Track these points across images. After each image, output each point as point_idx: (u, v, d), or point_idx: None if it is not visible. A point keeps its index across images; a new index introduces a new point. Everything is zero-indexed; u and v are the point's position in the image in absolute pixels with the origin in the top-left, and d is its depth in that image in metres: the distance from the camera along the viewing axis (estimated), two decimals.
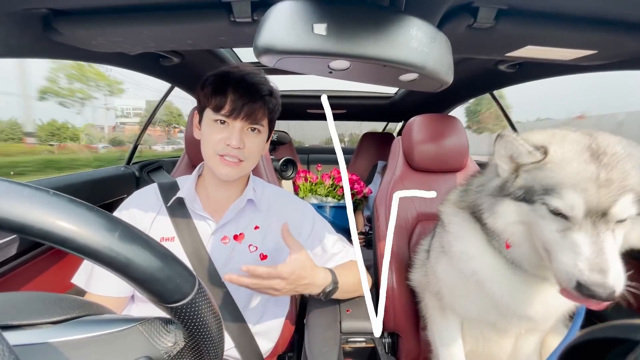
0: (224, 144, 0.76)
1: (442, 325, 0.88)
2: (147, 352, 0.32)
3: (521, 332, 0.81)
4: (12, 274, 0.95)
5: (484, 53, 0.88)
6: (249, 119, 0.77)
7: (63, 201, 0.26)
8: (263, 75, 0.82)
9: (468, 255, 0.75)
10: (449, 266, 0.81)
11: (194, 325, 0.32)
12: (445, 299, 0.85)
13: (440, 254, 0.86)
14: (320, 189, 1.82)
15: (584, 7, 0.64)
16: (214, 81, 0.78)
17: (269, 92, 0.80)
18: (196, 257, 0.78)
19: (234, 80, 0.77)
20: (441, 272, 0.85)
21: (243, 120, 0.77)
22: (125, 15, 0.68)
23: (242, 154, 0.78)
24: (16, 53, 0.75)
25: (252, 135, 0.79)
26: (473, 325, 0.86)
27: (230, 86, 0.76)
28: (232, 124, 0.77)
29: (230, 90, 0.76)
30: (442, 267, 0.84)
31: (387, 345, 1.12)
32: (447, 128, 1.21)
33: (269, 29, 0.42)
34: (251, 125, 0.78)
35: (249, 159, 0.80)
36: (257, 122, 0.78)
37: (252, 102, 0.76)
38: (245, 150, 0.78)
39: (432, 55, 0.45)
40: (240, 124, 0.77)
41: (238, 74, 0.79)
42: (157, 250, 0.30)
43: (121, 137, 24.81)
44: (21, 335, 0.30)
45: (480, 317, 0.78)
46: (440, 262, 0.85)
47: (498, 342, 0.84)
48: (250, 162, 0.81)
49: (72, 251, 0.26)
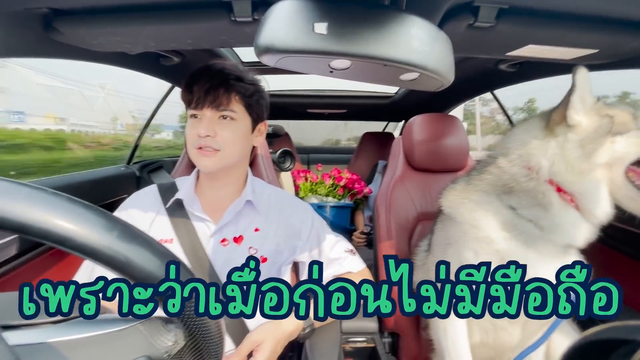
0: (197, 136, 0.76)
1: (448, 323, 0.88)
2: (147, 351, 0.32)
3: (529, 321, 0.81)
4: (12, 274, 0.95)
5: (484, 52, 0.88)
6: (213, 105, 0.76)
7: (62, 200, 0.26)
8: (231, 63, 0.81)
9: (491, 238, 0.77)
10: (458, 256, 0.82)
11: (194, 324, 0.32)
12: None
13: (447, 246, 0.86)
14: (320, 188, 1.82)
15: (585, 6, 0.64)
16: (186, 79, 0.79)
17: (235, 77, 0.78)
18: (195, 259, 0.78)
19: (199, 72, 0.78)
20: (451, 265, 0.84)
21: (210, 109, 0.76)
22: (125, 14, 0.68)
23: (215, 143, 0.76)
24: (16, 53, 0.75)
25: (224, 124, 0.78)
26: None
27: (195, 78, 0.76)
28: (202, 114, 0.77)
29: (195, 82, 0.76)
30: (450, 258, 0.84)
31: (388, 345, 1.13)
32: (447, 127, 1.21)
33: (270, 28, 0.42)
34: (221, 113, 0.77)
35: (225, 148, 0.78)
36: (224, 108, 0.77)
37: (215, 88, 0.75)
38: (217, 139, 0.76)
39: (433, 54, 0.45)
40: (209, 112, 0.76)
41: (204, 66, 0.79)
42: (157, 249, 0.30)
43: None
44: (21, 335, 0.30)
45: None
46: (448, 253, 0.85)
47: (507, 329, 0.85)
48: (228, 152, 0.79)
49: (71, 250, 0.26)
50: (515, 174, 0.77)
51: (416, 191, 1.23)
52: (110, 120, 11.27)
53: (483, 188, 0.82)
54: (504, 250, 0.75)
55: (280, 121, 2.95)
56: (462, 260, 0.81)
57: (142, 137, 1.86)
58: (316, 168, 2.15)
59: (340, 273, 0.88)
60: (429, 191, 1.23)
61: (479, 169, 0.86)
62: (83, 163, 5.67)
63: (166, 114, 2.02)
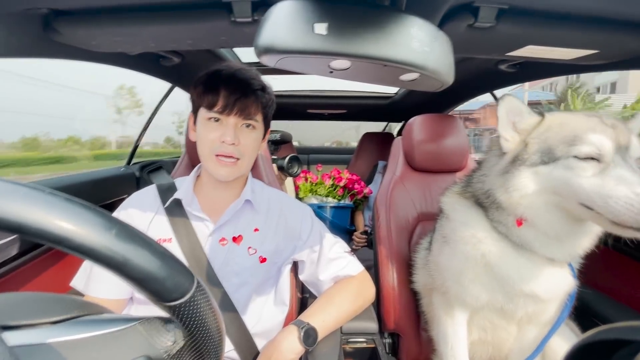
0: (219, 142, 0.76)
1: (448, 324, 0.88)
2: (146, 351, 0.31)
3: (525, 321, 0.82)
4: (12, 274, 0.95)
5: (484, 53, 0.88)
6: (242, 114, 0.76)
7: (59, 200, 0.26)
8: (254, 72, 0.82)
9: (477, 238, 0.76)
10: (452, 254, 0.82)
11: (193, 324, 0.31)
12: (451, 291, 0.85)
13: (443, 245, 0.86)
14: (320, 189, 1.82)
15: (585, 6, 0.64)
16: (206, 79, 0.78)
17: (260, 87, 0.80)
18: (194, 258, 0.78)
19: (225, 76, 0.77)
20: (444, 262, 0.85)
21: (236, 116, 0.76)
22: (125, 15, 0.68)
23: (237, 151, 0.77)
24: (16, 53, 0.75)
25: (246, 132, 0.79)
26: (481, 315, 0.86)
27: (221, 83, 0.76)
28: (226, 120, 0.77)
29: (222, 87, 0.76)
30: (445, 256, 0.85)
31: (388, 345, 1.12)
32: (447, 128, 1.21)
33: (270, 28, 0.42)
34: (245, 121, 0.78)
35: (245, 157, 0.79)
36: (250, 117, 0.78)
37: (245, 97, 0.76)
38: (240, 147, 0.77)
39: (433, 54, 0.45)
40: (234, 119, 0.77)
41: (229, 70, 0.79)
42: (155, 248, 0.29)
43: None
44: (20, 335, 0.30)
45: (490, 302, 0.79)
46: (444, 252, 0.86)
47: (505, 327, 0.86)
48: (247, 160, 0.81)
49: (69, 250, 0.26)
50: (478, 191, 0.78)
51: (416, 191, 1.23)
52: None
53: (470, 195, 0.82)
54: (488, 252, 0.75)
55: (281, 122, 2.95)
56: (455, 263, 0.81)
57: (142, 138, 1.87)
58: (316, 168, 2.15)
59: (340, 276, 0.88)
60: (428, 191, 1.23)
61: (470, 175, 0.86)
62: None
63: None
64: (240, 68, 0.81)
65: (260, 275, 0.83)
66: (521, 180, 0.65)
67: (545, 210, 0.66)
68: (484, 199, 0.75)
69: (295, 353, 0.74)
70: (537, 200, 0.65)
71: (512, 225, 0.71)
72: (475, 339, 0.89)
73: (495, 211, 0.74)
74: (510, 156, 0.68)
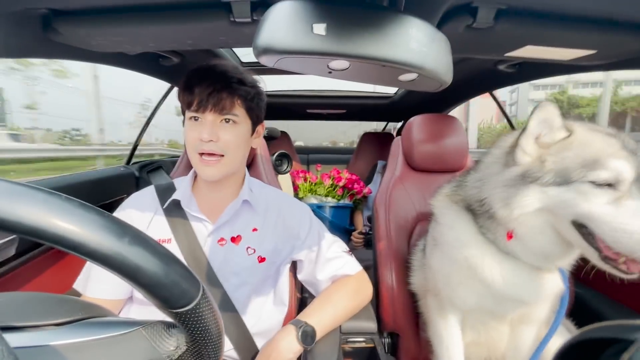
0: (199, 140, 0.75)
1: (442, 326, 0.89)
2: (149, 355, 0.32)
3: (516, 320, 0.82)
4: (12, 274, 0.95)
5: (483, 53, 0.88)
6: (217, 108, 0.74)
7: (75, 206, 0.26)
8: (232, 65, 0.80)
9: (461, 242, 0.76)
10: (442, 257, 0.82)
11: (197, 330, 0.32)
12: (442, 293, 0.85)
13: (434, 247, 0.86)
14: (319, 189, 1.82)
15: (583, 7, 0.65)
16: (184, 80, 0.77)
17: (237, 80, 0.77)
18: (193, 259, 0.78)
19: (200, 73, 0.76)
20: (435, 264, 0.85)
21: (213, 112, 0.75)
22: (125, 15, 0.68)
23: (218, 148, 0.76)
24: (16, 53, 0.75)
25: (226, 127, 0.77)
26: (473, 317, 0.86)
27: (196, 80, 0.75)
28: (203, 117, 0.76)
29: (196, 84, 0.74)
30: (436, 259, 0.85)
31: (387, 345, 1.12)
32: (446, 128, 1.21)
33: (269, 29, 0.42)
34: (223, 116, 0.76)
35: (229, 153, 0.78)
36: (227, 111, 0.76)
37: (218, 91, 0.74)
38: (220, 143, 0.76)
39: (432, 55, 0.45)
40: (211, 116, 0.75)
41: (204, 67, 0.77)
42: (166, 256, 0.30)
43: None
44: (23, 337, 0.30)
45: (478, 305, 0.79)
46: (434, 254, 0.86)
47: (497, 328, 0.86)
48: (231, 157, 0.79)
49: (83, 256, 0.26)
50: (471, 197, 0.75)
51: (415, 191, 1.23)
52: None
53: (460, 200, 0.80)
54: (471, 256, 0.74)
55: (281, 122, 2.95)
56: (444, 266, 0.81)
57: (141, 138, 1.87)
58: (315, 168, 2.15)
59: (338, 275, 0.88)
60: (428, 191, 1.23)
61: (462, 177, 0.84)
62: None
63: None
64: (218, 64, 0.78)
65: (259, 275, 0.83)
66: (527, 199, 0.61)
67: (540, 231, 0.63)
68: (477, 206, 0.72)
69: (294, 352, 0.74)
70: (534, 219, 0.62)
71: (501, 236, 0.69)
72: (469, 341, 0.89)
73: (486, 220, 0.71)
74: (520, 170, 0.63)
